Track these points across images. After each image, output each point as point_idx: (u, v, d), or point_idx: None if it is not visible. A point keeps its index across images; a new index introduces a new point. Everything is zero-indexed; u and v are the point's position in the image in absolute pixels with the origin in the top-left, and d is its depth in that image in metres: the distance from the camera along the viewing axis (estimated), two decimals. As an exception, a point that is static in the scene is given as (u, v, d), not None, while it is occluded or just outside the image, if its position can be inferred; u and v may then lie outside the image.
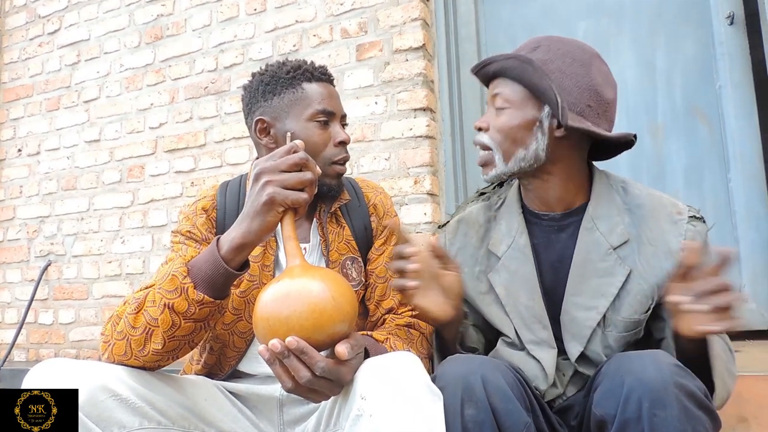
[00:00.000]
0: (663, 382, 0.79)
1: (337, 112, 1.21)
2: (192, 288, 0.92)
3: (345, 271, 1.23)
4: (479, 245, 1.21)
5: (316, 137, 1.18)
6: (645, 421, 0.79)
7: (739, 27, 1.99)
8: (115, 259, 2.70)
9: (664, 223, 1.07)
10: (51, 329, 2.84)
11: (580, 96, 1.05)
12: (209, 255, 0.94)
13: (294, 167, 0.90)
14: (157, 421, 0.97)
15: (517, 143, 1.08)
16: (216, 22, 2.58)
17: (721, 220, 1.97)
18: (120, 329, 0.97)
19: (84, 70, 2.91)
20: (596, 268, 1.08)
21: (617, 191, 1.13)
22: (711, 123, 2.02)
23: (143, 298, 0.96)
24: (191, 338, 0.98)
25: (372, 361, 0.91)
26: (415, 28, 2.16)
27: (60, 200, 2.90)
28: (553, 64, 1.06)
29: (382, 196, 1.35)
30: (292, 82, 1.20)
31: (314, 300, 0.84)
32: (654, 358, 0.84)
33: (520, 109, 1.08)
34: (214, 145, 2.52)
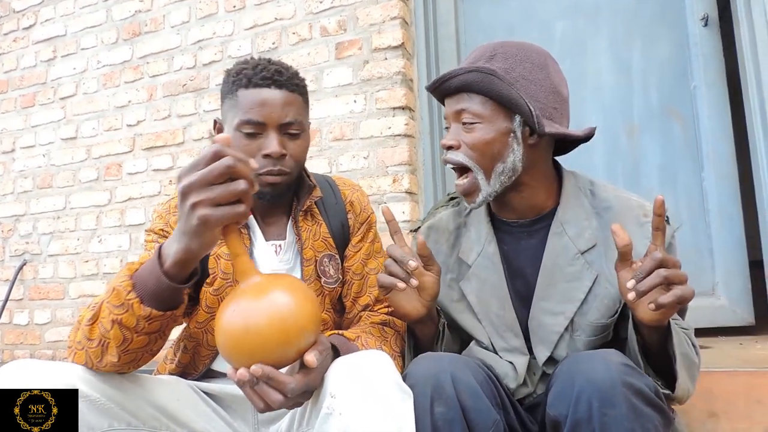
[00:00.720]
0: (611, 382, 0.80)
1: (269, 122, 1.12)
2: (138, 303, 0.86)
3: (322, 268, 1.23)
4: (450, 253, 1.20)
5: (241, 147, 1.12)
6: (595, 421, 0.80)
7: (713, 28, 2.02)
8: (92, 259, 2.67)
9: (631, 225, 1.05)
10: (26, 330, 2.79)
11: (546, 100, 1.05)
12: (152, 268, 0.86)
13: (222, 178, 0.77)
14: (127, 422, 0.96)
15: (494, 158, 1.05)
16: (195, 19, 2.56)
17: (695, 219, 2.00)
18: (78, 339, 0.93)
19: (60, 67, 2.87)
20: (564, 272, 1.08)
21: (585, 194, 1.12)
22: (685, 123, 2.05)
23: (99, 308, 0.90)
24: (148, 349, 0.93)
25: (342, 359, 0.91)
26: (394, 26, 2.16)
27: (36, 198, 2.85)
28: (515, 72, 1.04)
29: (359, 194, 1.34)
30: (231, 87, 1.16)
31: (278, 318, 0.80)
32: (603, 358, 0.85)
33: (491, 123, 1.04)
34: (193, 143, 2.50)
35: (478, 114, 1.05)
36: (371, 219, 1.33)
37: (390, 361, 0.92)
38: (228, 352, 0.82)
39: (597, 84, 2.16)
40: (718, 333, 1.94)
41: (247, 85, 1.13)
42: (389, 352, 1.14)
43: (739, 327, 1.90)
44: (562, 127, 1.06)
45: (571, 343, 1.08)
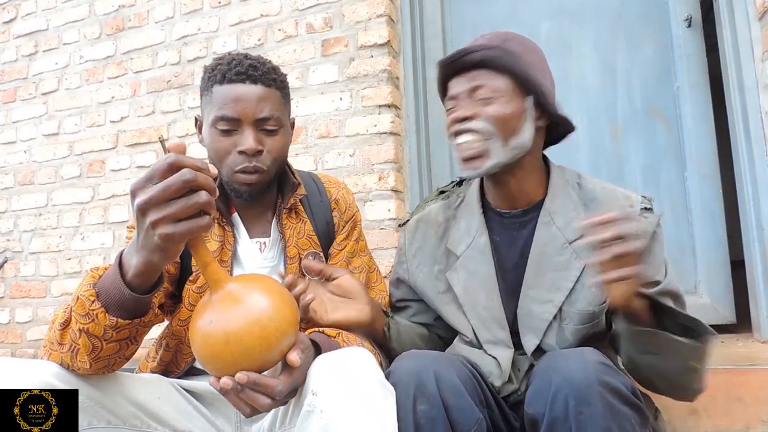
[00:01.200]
0: (587, 380, 0.81)
1: (243, 118, 1.11)
2: (103, 313, 0.84)
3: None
4: (438, 244, 1.21)
5: (217, 144, 1.13)
6: (572, 419, 0.80)
7: (696, 30, 2.04)
8: (75, 256, 2.64)
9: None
10: (7, 328, 2.75)
11: (548, 89, 1.10)
12: (114, 278, 0.83)
13: (181, 192, 0.73)
14: (107, 420, 0.96)
15: (512, 131, 1.06)
16: (179, 15, 2.53)
17: (678, 218, 2.02)
18: (51, 341, 0.91)
19: (42, 62, 2.83)
20: (552, 261, 1.10)
21: (573, 186, 1.15)
22: (669, 123, 2.07)
23: (69, 313, 0.88)
24: (120, 355, 0.91)
25: (324, 357, 0.91)
26: (380, 24, 2.15)
27: (17, 195, 2.81)
28: (528, 57, 1.08)
29: (344, 192, 1.34)
30: (207, 84, 1.16)
31: (257, 324, 0.79)
32: (580, 357, 0.85)
33: (508, 100, 1.05)
34: (177, 139, 2.47)
35: (497, 89, 1.06)
36: (356, 217, 1.33)
37: (372, 358, 0.91)
38: (209, 362, 0.81)
39: (581, 85, 2.17)
40: (700, 331, 1.95)
41: (221, 81, 1.12)
42: (370, 348, 1.14)
43: (721, 325, 1.92)
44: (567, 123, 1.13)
45: (559, 331, 1.09)
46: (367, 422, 0.81)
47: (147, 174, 0.75)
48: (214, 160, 1.15)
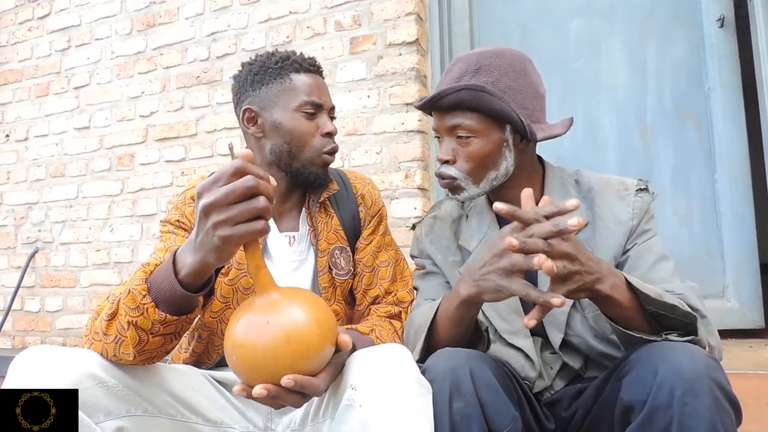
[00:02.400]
0: (697, 372, 0.80)
1: (324, 104, 1.22)
2: (153, 308, 0.87)
3: (334, 260, 1.25)
4: (452, 238, 1.25)
5: (303, 127, 1.20)
6: (675, 409, 0.79)
7: (729, 30, 2.01)
8: (104, 248, 2.69)
9: (613, 199, 1.13)
10: (38, 317, 2.82)
11: (532, 105, 1.11)
12: (167, 275, 0.87)
13: (243, 197, 0.77)
14: (144, 409, 0.98)
15: (488, 167, 1.11)
16: (209, 11, 2.56)
17: (707, 221, 2.00)
18: (96, 330, 0.94)
19: (74, 56, 2.88)
20: None
21: (571, 184, 1.18)
22: (699, 124, 2.04)
23: (117, 305, 0.91)
24: (163, 349, 0.94)
25: (362, 352, 0.92)
26: (408, 22, 2.16)
27: (48, 187, 2.87)
28: (502, 83, 1.09)
29: (370, 187, 1.37)
30: (280, 72, 1.21)
31: (317, 322, 0.80)
32: (688, 350, 0.84)
33: (486, 136, 1.09)
34: (205, 134, 2.51)
35: (472, 129, 1.09)
36: (382, 212, 1.35)
37: (409, 354, 0.92)
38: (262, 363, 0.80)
39: (611, 84, 2.15)
40: (728, 335, 1.93)
41: (299, 70, 1.21)
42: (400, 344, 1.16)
43: (749, 330, 1.90)
44: (548, 128, 1.12)
45: (583, 321, 1.10)
46: (405, 418, 0.82)
47: (213, 177, 0.79)
48: (295, 144, 1.20)
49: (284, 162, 1.22)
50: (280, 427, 1.16)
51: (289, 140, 1.21)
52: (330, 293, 1.24)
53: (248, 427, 1.15)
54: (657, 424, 0.81)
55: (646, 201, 1.12)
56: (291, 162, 1.22)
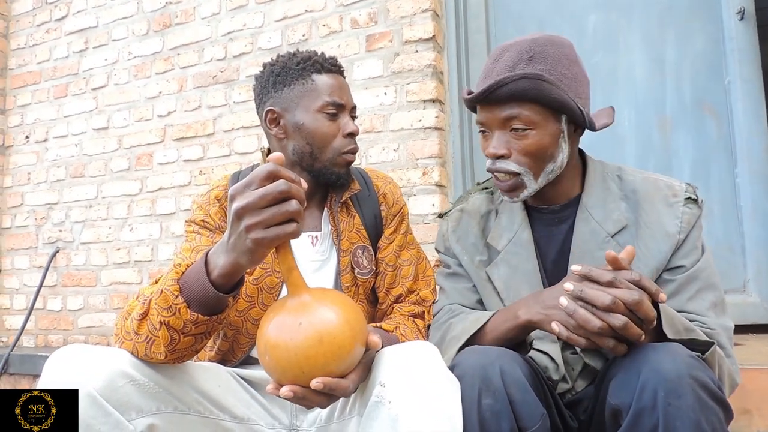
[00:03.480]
0: (678, 373, 0.80)
1: (346, 104, 1.23)
2: (185, 308, 0.89)
3: (356, 260, 1.25)
4: (480, 235, 1.22)
5: (325, 128, 1.20)
6: (659, 410, 0.80)
7: (749, 22, 1.99)
8: (124, 247, 2.72)
9: (660, 206, 1.08)
10: (60, 315, 2.86)
11: (586, 93, 1.08)
12: (199, 275, 0.89)
13: (275, 201, 0.79)
14: (174, 406, 0.99)
15: (546, 160, 1.07)
16: (225, 11, 2.58)
17: (727, 215, 1.99)
18: (127, 329, 0.96)
19: (92, 58, 2.91)
20: (594, 257, 1.08)
21: (613, 179, 1.14)
22: (719, 118, 2.03)
23: (148, 305, 0.93)
24: (194, 348, 0.97)
25: (391, 349, 0.93)
26: (425, 19, 2.16)
27: (68, 187, 2.91)
28: (558, 72, 1.04)
29: (392, 186, 1.37)
30: (302, 73, 1.22)
31: (348, 323, 0.82)
32: (669, 351, 0.85)
33: (544, 128, 1.04)
34: (223, 134, 2.53)
35: (530, 121, 1.04)
36: (404, 211, 1.36)
37: (437, 351, 0.93)
38: (280, 371, 0.82)
39: (629, 78, 2.14)
40: (749, 330, 1.92)
41: (320, 71, 1.22)
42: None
43: (771, 324, 1.89)
44: (599, 118, 1.10)
45: None
46: (434, 415, 0.83)
47: (246, 180, 0.80)
48: (317, 145, 1.21)
49: (306, 162, 1.23)
50: (305, 423, 1.17)
51: (311, 141, 1.21)
52: (352, 292, 1.25)
53: (274, 424, 1.16)
54: (643, 426, 0.82)
55: (695, 214, 1.07)
56: (313, 162, 1.23)
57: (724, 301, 1.07)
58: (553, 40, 1.07)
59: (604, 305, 0.85)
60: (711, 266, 1.07)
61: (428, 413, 0.82)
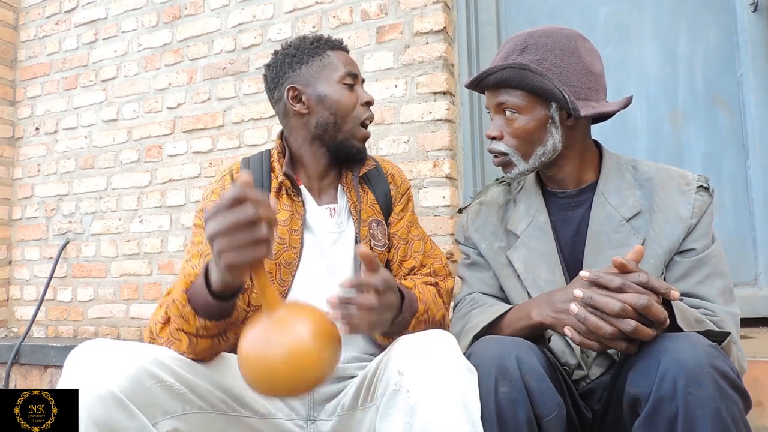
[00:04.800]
0: (698, 362, 0.81)
1: (359, 75, 1.32)
2: (193, 316, 0.95)
3: (372, 232, 1.31)
4: (499, 224, 1.27)
5: (346, 98, 1.28)
6: (679, 399, 0.80)
7: (762, 14, 1.98)
8: (134, 238, 2.73)
9: (674, 193, 1.13)
10: (70, 306, 2.88)
11: (580, 82, 1.11)
12: (201, 286, 0.94)
13: (243, 225, 0.78)
14: (198, 407, 0.99)
15: (534, 143, 1.14)
16: (235, 2, 2.57)
17: (739, 208, 1.98)
18: (152, 331, 1.03)
19: (101, 49, 2.91)
20: (610, 239, 1.13)
21: (627, 169, 1.19)
22: (731, 111, 2.02)
23: (167, 312, 0.99)
24: (213, 350, 1.02)
25: (408, 337, 0.94)
26: (436, 10, 2.15)
27: (78, 179, 2.92)
28: (547, 61, 1.10)
29: (397, 168, 1.46)
30: (317, 50, 1.30)
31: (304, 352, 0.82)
32: (689, 340, 0.85)
33: (530, 113, 1.12)
34: (233, 126, 2.53)
35: (516, 106, 1.13)
36: (410, 192, 1.44)
37: (453, 339, 0.94)
38: (253, 383, 0.85)
39: (641, 71, 2.13)
40: (761, 323, 1.92)
41: (333, 48, 1.32)
42: (441, 304, 1.25)
43: (782, 317, 1.89)
44: (598, 105, 1.13)
45: None
46: (451, 403, 0.84)
47: (217, 205, 0.80)
48: (340, 115, 1.28)
49: (329, 135, 1.29)
50: (323, 414, 1.18)
51: (334, 111, 1.28)
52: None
53: (291, 416, 1.17)
54: (663, 415, 0.82)
55: (706, 201, 1.12)
56: (336, 134, 1.29)
57: (732, 289, 1.10)
58: (552, 33, 1.14)
59: (614, 312, 0.86)
60: (721, 254, 1.12)
61: (446, 402, 0.84)
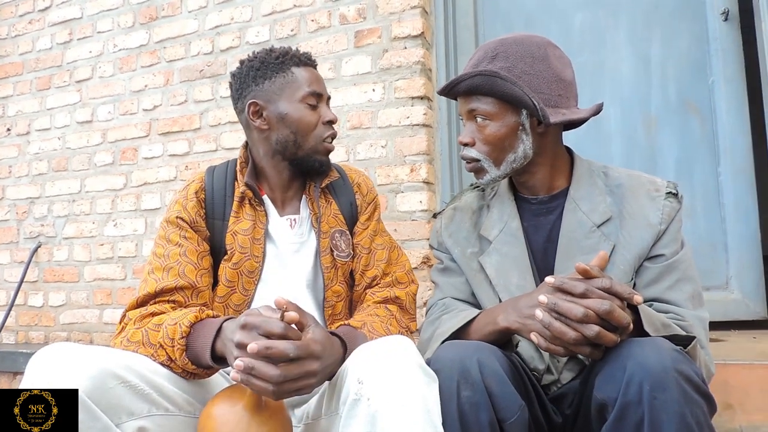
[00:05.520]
0: (663, 367, 0.82)
1: (323, 94, 1.30)
2: (181, 353, 1.01)
3: (335, 242, 1.31)
4: (472, 230, 1.28)
5: (307, 117, 1.27)
6: (645, 404, 0.81)
7: (733, 23, 2.02)
8: (107, 242, 2.69)
9: (643, 199, 1.14)
10: (41, 312, 2.82)
11: (550, 89, 1.12)
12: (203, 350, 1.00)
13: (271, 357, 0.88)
14: (165, 408, 0.99)
15: (505, 150, 1.15)
16: (213, 4, 2.55)
17: (711, 213, 2.02)
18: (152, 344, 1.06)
19: (76, 50, 2.87)
20: (581, 245, 1.14)
21: (599, 176, 1.20)
22: (703, 117, 2.06)
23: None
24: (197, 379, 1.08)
25: (367, 345, 0.94)
26: (414, 15, 2.16)
27: (51, 181, 2.86)
28: (517, 69, 1.11)
29: (364, 177, 1.45)
30: (281, 66, 1.27)
31: None
32: (654, 345, 0.86)
33: (500, 119, 1.13)
34: (209, 128, 2.51)
35: (487, 113, 1.14)
36: (376, 200, 1.43)
37: (412, 345, 0.94)
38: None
39: (615, 76, 2.16)
40: (732, 327, 1.96)
41: (298, 64, 1.29)
42: (396, 330, 1.21)
43: (753, 321, 1.92)
44: (569, 112, 1.14)
45: None
46: (413, 409, 0.83)
47: (260, 323, 0.90)
48: (300, 134, 1.27)
49: (290, 151, 1.28)
50: (294, 419, 1.17)
51: (294, 130, 1.26)
52: (332, 273, 1.29)
53: (262, 422, 1.16)
54: (629, 419, 0.83)
55: (675, 208, 1.13)
56: (296, 151, 1.28)
57: (701, 294, 1.12)
58: (523, 40, 1.15)
59: (577, 317, 0.87)
60: (690, 260, 1.13)
61: (407, 409, 0.83)
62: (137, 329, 1.07)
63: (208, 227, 1.25)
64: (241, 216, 1.26)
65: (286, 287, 1.25)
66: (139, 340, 1.05)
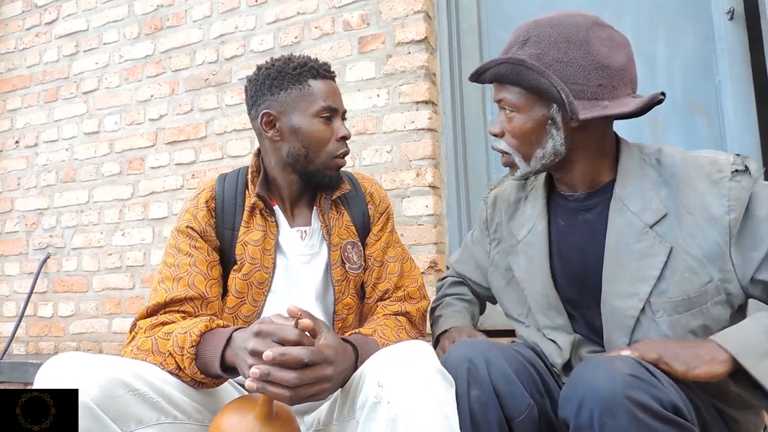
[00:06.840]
0: (612, 393, 0.79)
1: (339, 109, 1.28)
2: (191, 362, 1.02)
3: (346, 254, 1.29)
4: (506, 224, 1.24)
5: (320, 132, 1.24)
6: (596, 429, 0.79)
7: (739, 22, 2.01)
8: (116, 252, 2.70)
9: (703, 186, 0.97)
10: (51, 322, 2.83)
11: (587, 79, 0.99)
12: (213, 360, 1.01)
13: (284, 364, 0.89)
14: (174, 416, 0.99)
15: (533, 145, 1.05)
16: (217, 14, 2.57)
17: (720, 213, 1.99)
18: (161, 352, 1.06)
19: (83, 61, 2.89)
20: (632, 250, 1.00)
21: (651, 164, 1.03)
22: (710, 117, 2.04)
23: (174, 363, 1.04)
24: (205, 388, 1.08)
25: (386, 349, 0.94)
26: (417, 20, 2.16)
27: (59, 192, 2.88)
28: (548, 56, 0.99)
29: (377, 186, 1.42)
30: (299, 78, 1.24)
31: None
32: (608, 367, 0.83)
33: (527, 112, 1.04)
34: (215, 137, 2.52)
35: (513, 104, 1.05)
36: (389, 210, 1.40)
37: (431, 350, 0.94)
38: None
39: (621, 78, 2.15)
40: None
41: (316, 76, 1.25)
42: (407, 338, 1.20)
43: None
44: (612, 105, 0.99)
45: (653, 326, 0.99)
46: (432, 412, 0.84)
47: (274, 330, 0.91)
48: (312, 149, 1.25)
49: (300, 165, 1.26)
50: (303, 426, 1.16)
51: (306, 144, 1.24)
52: (343, 286, 1.27)
53: (270, 429, 1.16)
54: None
55: (746, 187, 0.94)
56: (307, 165, 1.26)
57: None
58: (561, 22, 1.03)
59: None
60: None
61: (426, 412, 0.83)
62: (147, 338, 1.07)
63: (218, 237, 1.24)
64: (252, 226, 1.25)
65: (296, 299, 1.24)
66: (148, 349, 1.05)
